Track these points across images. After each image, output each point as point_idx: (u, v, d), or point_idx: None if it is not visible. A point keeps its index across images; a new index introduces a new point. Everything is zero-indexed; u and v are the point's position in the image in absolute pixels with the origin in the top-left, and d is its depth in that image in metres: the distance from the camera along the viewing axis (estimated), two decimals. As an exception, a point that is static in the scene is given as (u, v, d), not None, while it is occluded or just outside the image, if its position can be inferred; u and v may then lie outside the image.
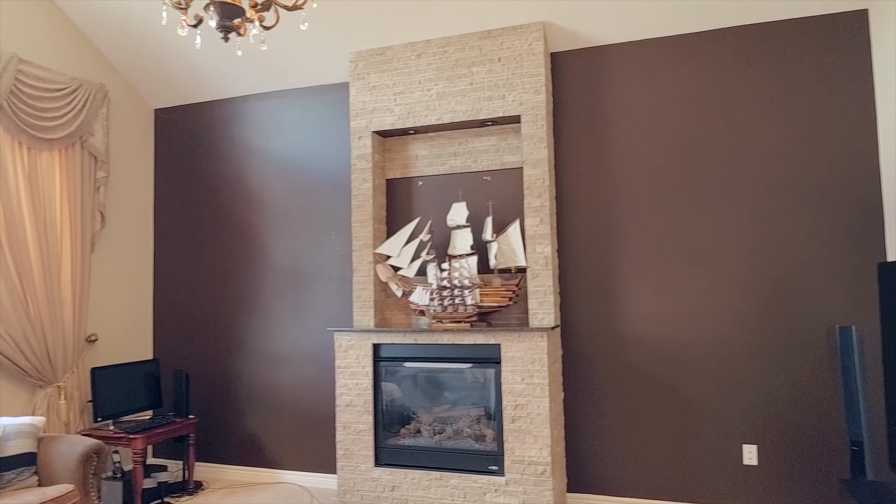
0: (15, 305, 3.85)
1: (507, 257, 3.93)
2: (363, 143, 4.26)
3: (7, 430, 3.28)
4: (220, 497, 4.33)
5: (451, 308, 3.88)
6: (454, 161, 4.26)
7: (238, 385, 4.82)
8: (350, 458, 3.97)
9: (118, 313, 4.82)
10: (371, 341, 3.98)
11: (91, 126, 4.45)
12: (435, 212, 4.30)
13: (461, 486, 3.71)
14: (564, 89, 4.15)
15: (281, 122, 4.84)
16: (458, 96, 4.05)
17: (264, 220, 4.84)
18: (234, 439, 4.80)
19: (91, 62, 4.63)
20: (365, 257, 4.21)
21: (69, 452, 3.37)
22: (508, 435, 3.62)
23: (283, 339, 4.71)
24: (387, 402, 4.02)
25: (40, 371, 4.03)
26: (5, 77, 3.81)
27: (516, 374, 3.64)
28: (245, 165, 4.93)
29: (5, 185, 3.85)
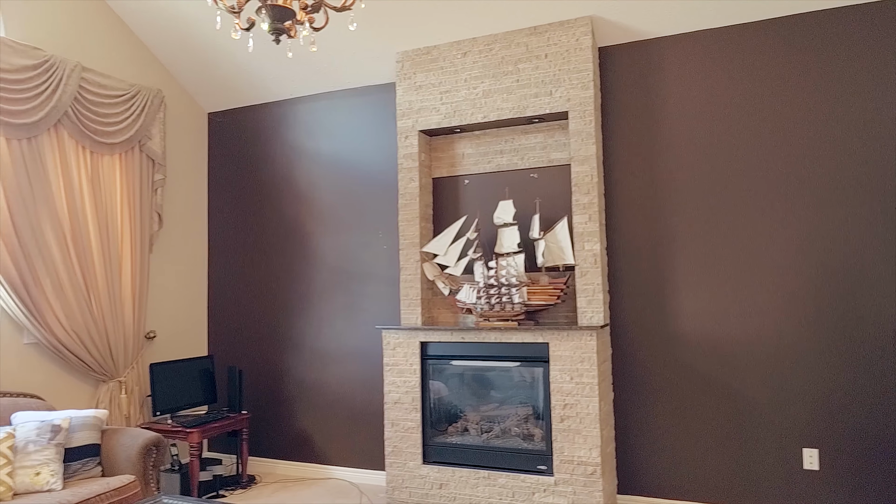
0: (79, 303, 4.02)
1: (555, 255, 3.89)
2: (410, 143, 4.29)
3: (73, 422, 3.43)
4: (272, 491, 4.43)
5: (499, 306, 3.86)
6: (500, 159, 4.24)
7: (289, 381, 4.92)
8: (398, 455, 4.00)
9: (175, 311, 4.98)
10: (418, 339, 4.00)
11: (149, 130, 4.61)
12: (481, 210, 4.29)
13: (509, 485, 3.69)
14: (613, 84, 4.08)
15: (329, 123, 4.91)
16: (505, 93, 4.03)
17: (313, 219, 4.93)
18: (285, 435, 4.90)
19: (148, 69, 4.80)
20: (412, 256, 4.23)
21: (130, 445, 3.50)
22: (557, 434, 3.59)
23: (333, 337, 4.78)
24: (434, 400, 4.03)
25: (103, 366, 4.20)
26: (70, 85, 3.98)
27: (565, 374, 3.60)
28: (294, 166, 5.02)
29: (70, 188, 4.02)
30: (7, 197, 3.64)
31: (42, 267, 3.81)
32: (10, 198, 3.66)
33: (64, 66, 3.96)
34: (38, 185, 3.81)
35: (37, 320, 3.79)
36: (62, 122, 3.99)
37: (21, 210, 3.70)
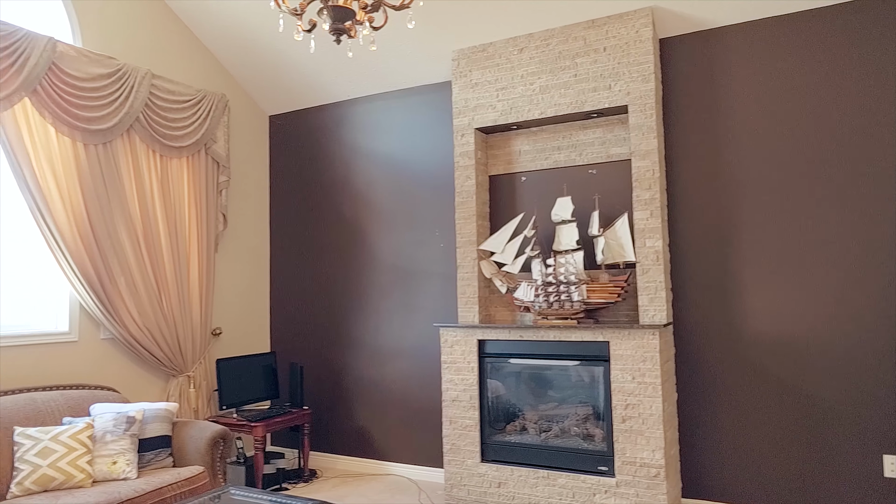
0: (151, 301, 4.20)
1: (615, 252, 3.81)
2: (466, 141, 4.29)
3: (147, 414, 3.58)
4: (332, 486, 4.51)
5: (557, 304, 3.82)
6: (558, 155, 4.19)
7: (348, 378, 5.00)
8: (456, 452, 4.00)
9: (239, 308, 5.14)
10: (476, 337, 3.99)
11: (214, 134, 4.77)
12: (539, 207, 4.25)
13: (569, 485, 3.64)
14: (675, 76, 3.97)
15: (385, 123, 4.96)
16: (562, 89, 3.98)
17: (371, 218, 4.99)
18: (345, 430, 4.98)
19: (213, 74, 4.97)
20: (469, 254, 4.23)
21: (199, 437, 3.63)
22: (619, 435, 3.52)
23: (391, 334, 4.83)
24: (492, 399, 4.02)
25: (173, 361, 4.37)
26: (141, 91, 4.16)
27: (626, 373, 3.52)
28: (352, 166, 5.10)
29: (142, 191, 4.20)
30: (85, 199, 3.83)
31: (116, 266, 3.99)
32: (88, 200, 3.85)
33: (135, 74, 4.14)
34: (112, 187, 4.00)
35: (112, 316, 3.97)
36: (134, 128, 4.17)
37: (97, 212, 3.89)
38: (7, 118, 3.49)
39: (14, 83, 3.46)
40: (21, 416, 3.31)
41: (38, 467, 3.11)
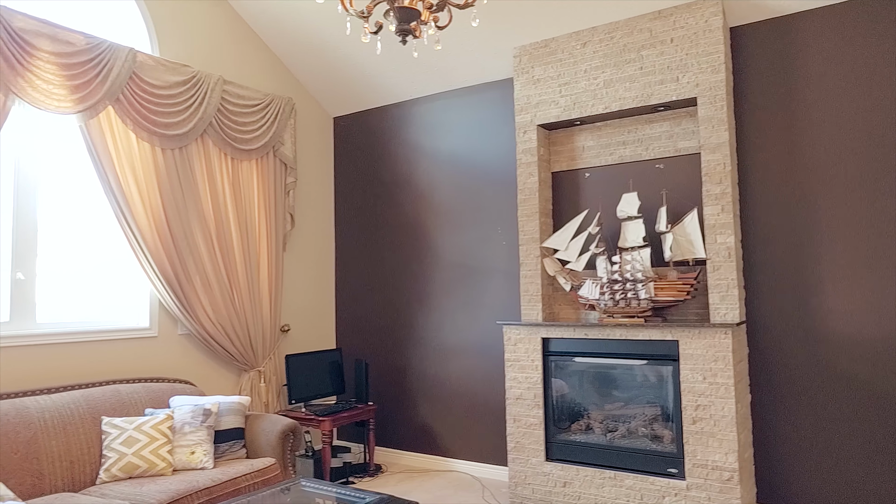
0: (224, 298, 4.37)
1: (684, 249, 3.71)
2: (528, 138, 4.26)
3: (221, 406, 3.73)
4: (397, 481, 4.57)
5: (623, 302, 3.74)
6: (623, 150, 4.11)
7: (412, 375, 5.05)
8: (521, 451, 3.99)
9: (306, 306, 5.28)
10: (540, 335, 3.97)
11: (281, 136, 4.91)
12: (604, 203, 4.18)
13: (637, 487, 3.57)
14: (746, 66, 3.82)
15: (447, 121, 4.99)
16: (627, 82, 3.90)
17: (433, 216, 5.03)
18: (409, 426, 5.05)
19: (280, 78, 5.12)
20: (532, 251, 4.20)
21: (270, 430, 3.75)
22: (689, 437, 3.42)
23: (453, 332, 4.86)
24: (557, 397, 3.98)
25: (244, 356, 4.53)
26: (213, 97, 4.33)
27: (697, 373, 3.42)
28: (414, 165, 5.15)
29: (215, 192, 4.37)
30: (163, 201, 4.02)
31: (192, 265, 4.17)
32: (166, 202, 4.04)
33: (208, 80, 4.31)
34: (188, 190, 4.18)
35: (188, 313, 4.15)
36: (207, 132, 4.34)
37: (174, 213, 4.07)
38: (93, 126, 3.70)
39: (99, 92, 3.67)
40: (107, 406, 3.50)
41: (123, 455, 3.29)
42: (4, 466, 2.99)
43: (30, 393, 3.36)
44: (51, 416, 3.25)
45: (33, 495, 3.06)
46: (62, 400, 3.37)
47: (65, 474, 3.19)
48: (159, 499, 2.99)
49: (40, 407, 3.25)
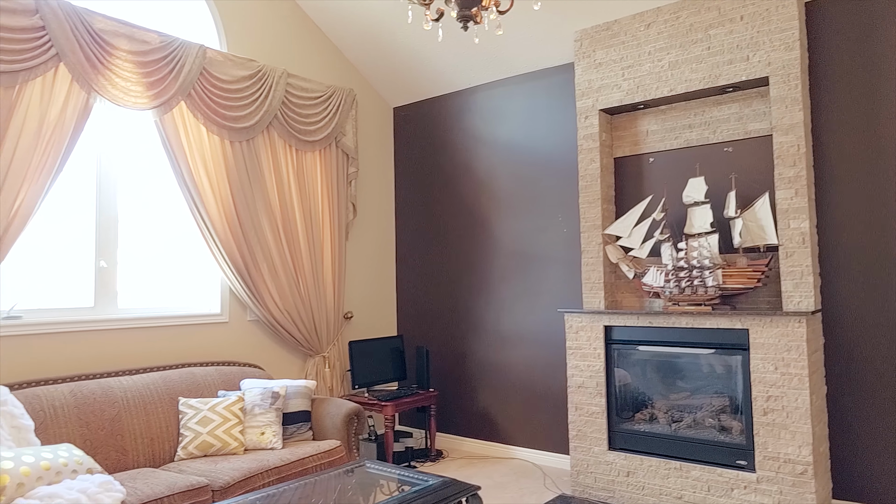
0: (290, 285, 4.50)
1: (755, 234, 3.58)
2: (590, 123, 4.19)
3: (289, 390, 3.85)
4: (458, 466, 4.62)
5: (690, 290, 3.65)
6: (689, 134, 3.99)
7: (472, 362, 5.08)
8: (583, 439, 3.96)
9: (367, 294, 5.38)
10: (602, 323, 3.91)
11: (343, 127, 5.00)
12: (668, 189, 4.07)
13: (704, 478, 3.49)
14: (823, 43, 3.64)
15: (506, 109, 4.96)
16: (694, 63, 3.78)
17: (492, 204, 5.02)
18: (470, 413, 5.08)
19: (341, 70, 5.21)
20: (594, 238, 4.15)
21: (335, 413, 3.86)
22: (759, 428, 3.31)
23: (513, 320, 4.85)
24: (619, 386, 3.93)
25: (309, 342, 4.66)
26: (278, 90, 4.44)
27: (768, 363, 3.30)
28: (473, 154, 5.15)
29: (280, 183, 4.50)
30: (232, 192, 4.17)
31: (259, 253, 4.31)
32: (235, 193, 4.18)
33: (273, 74, 4.43)
34: (255, 181, 4.32)
35: (257, 300, 4.30)
36: (272, 124, 4.47)
37: (243, 203, 4.22)
38: (167, 120, 3.87)
39: (172, 88, 3.83)
40: (183, 387, 3.68)
41: (199, 434, 3.45)
42: (92, 442, 3.19)
43: (113, 374, 3.57)
44: (132, 395, 3.44)
45: (117, 469, 3.25)
46: (142, 381, 3.56)
47: (146, 451, 3.37)
48: (233, 476, 3.13)
49: (123, 387, 3.45)
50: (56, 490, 2.59)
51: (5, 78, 3.13)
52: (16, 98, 3.19)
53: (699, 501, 3.50)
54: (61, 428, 3.12)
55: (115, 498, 2.65)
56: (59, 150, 3.34)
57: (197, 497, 2.95)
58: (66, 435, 3.12)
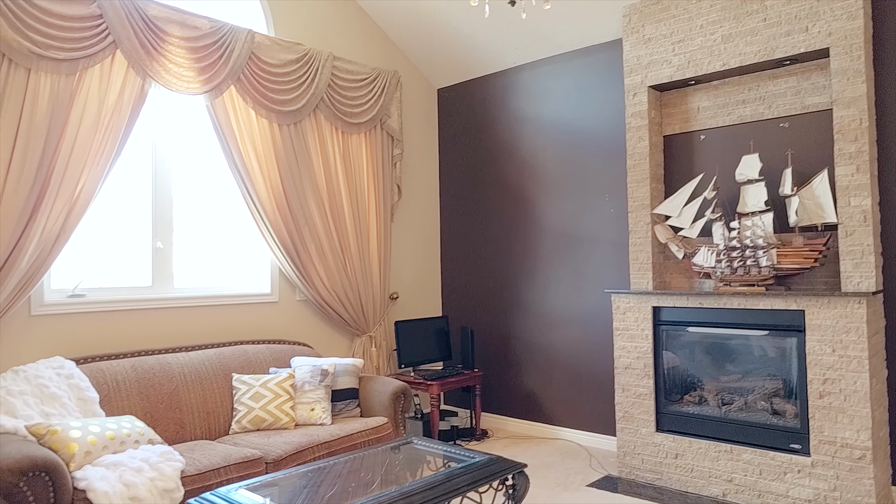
0: (337, 266, 4.58)
1: (812, 213, 3.45)
2: (638, 100, 4.10)
3: (337, 368, 3.93)
4: (504, 446, 4.64)
5: (742, 270, 3.56)
6: (743, 109, 3.86)
7: (517, 343, 5.08)
8: (630, 420, 3.93)
9: (412, 275, 5.42)
10: (650, 304, 3.86)
11: (388, 109, 5.02)
12: (720, 167, 3.96)
13: (755, 461, 3.42)
14: (887, 11, 3.46)
15: (552, 88, 4.89)
16: (748, 36, 3.65)
17: (537, 185, 4.98)
18: (514, 393, 5.09)
19: (386, 52, 5.22)
20: (642, 218, 4.07)
21: (382, 391, 3.92)
22: (815, 412, 3.22)
23: (559, 301, 4.82)
24: (668, 367, 3.87)
25: (356, 321, 4.74)
26: (324, 73, 4.49)
27: (825, 345, 3.20)
28: (518, 134, 5.11)
29: (327, 165, 4.56)
30: (281, 175, 4.25)
31: (308, 234, 4.39)
32: (283, 175, 4.26)
33: (319, 57, 4.47)
34: (302, 163, 4.39)
35: (305, 280, 4.39)
36: (319, 107, 4.52)
37: (291, 186, 4.30)
38: (218, 105, 3.96)
39: (223, 73, 3.91)
40: (236, 364, 3.80)
41: (252, 409, 3.56)
42: (152, 414, 3.34)
43: (171, 350, 3.71)
44: (189, 371, 3.57)
45: (176, 441, 3.39)
46: (198, 357, 3.69)
47: (202, 424, 3.51)
48: (285, 449, 3.22)
49: (180, 363, 3.58)
50: (121, 458, 2.72)
51: (66, 66, 3.25)
52: (76, 85, 3.32)
53: (750, 484, 3.44)
54: (123, 401, 3.26)
55: (175, 467, 2.77)
56: (117, 134, 3.46)
57: (251, 468, 3.05)
58: (127, 407, 3.26)
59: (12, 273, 3.08)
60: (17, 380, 2.97)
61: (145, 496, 2.60)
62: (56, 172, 3.23)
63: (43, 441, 2.66)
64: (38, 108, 3.16)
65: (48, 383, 3.01)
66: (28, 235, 3.13)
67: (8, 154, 3.08)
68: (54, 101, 3.22)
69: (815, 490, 3.22)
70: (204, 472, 2.89)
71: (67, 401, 3.02)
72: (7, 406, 2.83)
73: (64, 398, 3.01)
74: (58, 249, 3.27)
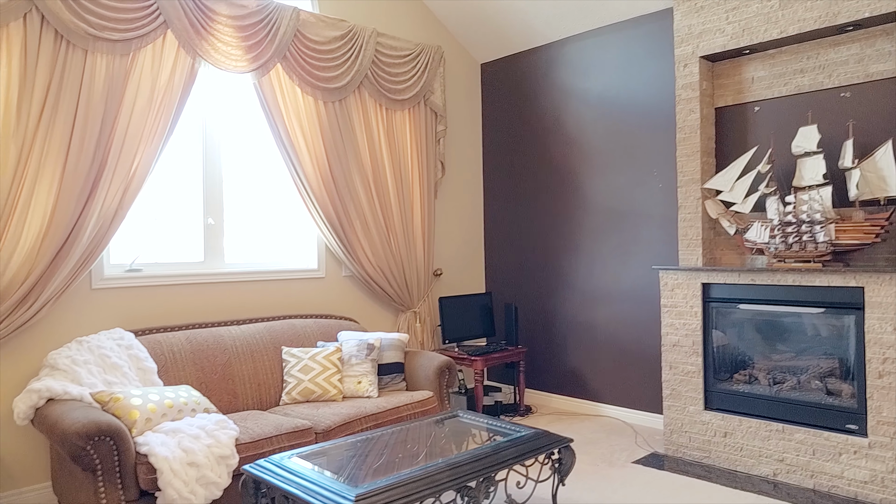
0: (382, 242, 4.62)
1: (875, 186, 3.31)
2: (689, 71, 3.98)
3: (383, 342, 3.99)
4: (548, 421, 4.65)
5: (798, 246, 3.44)
6: (801, 79, 3.70)
7: (560, 320, 5.06)
8: (677, 398, 3.88)
9: (456, 251, 5.44)
10: (700, 280, 3.78)
11: (431, 85, 5.00)
12: (775, 139, 3.82)
13: (808, 441, 3.34)
14: (963, -31, 3.25)
15: (598, 60, 4.79)
16: (808, 1, 3.48)
17: (583, 160, 4.90)
18: (558, 370, 5.08)
19: (429, 27, 5.18)
20: (692, 193, 3.97)
21: (427, 365, 3.96)
22: (873, 392, 3.12)
23: (604, 278, 4.77)
24: (717, 345, 3.80)
25: (401, 297, 4.79)
26: (368, 50, 4.49)
27: (886, 323, 3.09)
28: (563, 109, 5.03)
29: (371, 142, 4.58)
30: (326, 151, 4.29)
31: (353, 210, 4.44)
32: (329, 152, 4.30)
33: (363, 34, 4.47)
34: (347, 140, 4.42)
35: (351, 256, 4.45)
36: (363, 84, 4.53)
37: (336, 162, 4.34)
38: (265, 83, 4.01)
39: (269, 51, 3.95)
40: (286, 337, 3.89)
41: (301, 381, 3.65)
42: (207, 384, 3.45)
43: (223, 323, 3.82)
44: (241, 343, 3.68)
45: (229, 411, 3.51)
46: (249, 330, 3.79)
47: (254, 395, 3.61)
48: (333, 420, 3.30)
49: (232, 336, 3.69)
50: (179, 426, 2.83)
51: (120, 46, 3.34)
52: (130, 65, 3.40)
53: (803, 465, 3.37)
54: (179, 371, 3.39)
55: (230, 435, 2.87)
56: (169, 113, 3.54)
57: (302, 438, 3.14)
58: (183, 377, 3.39)
59: (74, 248, 3.21)
60: (81, 350, 3.11)
61: (203, 462, 2.71)
62: (113, 151, 3.34)
63: (107, 408, 2.79)
64: (94, 88, 3.26)
65: (110, 353, 3.15)
66: (88, 212, 3.25)
67: (68, 133, 3.19)
68: (110, 82, 3.31)
69: (872, 471, 3.14)
70: (257, 441, 2.98)
71: (128, 370, 3.15)
72: (73, 374, 2.97)
73: (124, 368, 3.14)
74: (116, 225, 3.39)
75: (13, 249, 3.04)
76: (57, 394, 2.82)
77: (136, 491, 2.62)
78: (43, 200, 3.12)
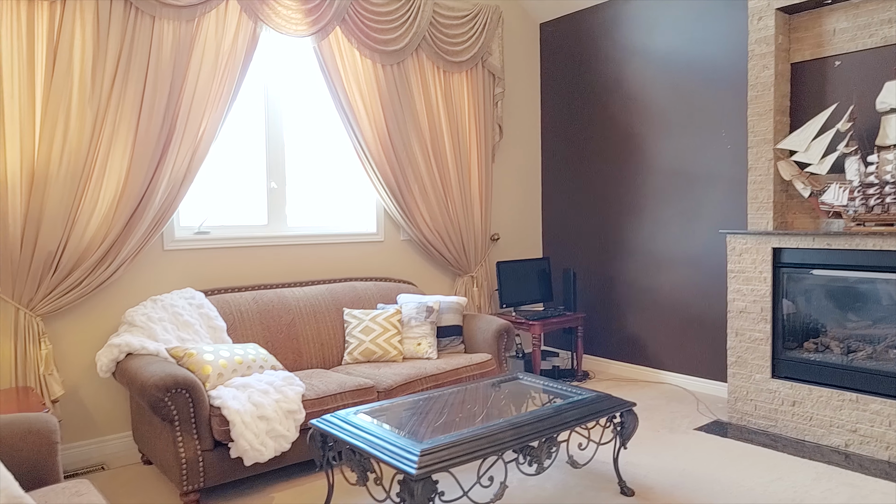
0: (439, 206, 4.62)
1: (968, 143, 3.08)
2: (764, 24, 3.76)
3: (442, 305, 4.02)
4: (606, 387, 4.62)
5: (880, 208, 3.26)
6: (888, 30, 3.45)
7: (620, 285, 4.97)
8: (742, 366, 3.78)
9: (513, 216, 5.39)
10: (770, 245, 3.63)
11: (489, 47, 4.90)
12: (858, 95, 3.59)
13: (885, 412, 3.21)
14: None
15: (663, 16, 4.58)
16: (901, -57, 3.22)
17: (645, 121, 4.74)
18: (617, 336, 5.02)
19: (487, -14, 5.06)
20: (763, 154, 3.80)
21: (485, 329, 3.98)
22: (959, 362, 2.96)
23: (667, 242, 4.64)
24: (787, 312, 3.66)
25: (458, 261, 4.80)
26: (425, 11, 4.43)
27: (976, 290, 2.90)
28: (625, 68, 4.86)
29: (429, 105, 4.55)
30: (385, 115, 4.29)
31: (411, 174, 4.44)
32: (387, 115, 4.30)
33: (421, -6, 4.41)
34: (405, 103, 4.40)
35: (409, 220, 4.47)
36: (421, 46, 4.48)
37: (395, 126, 4.33)
38: (324, 46, 4.01)
39: (328, 14, 3.94)
40: (347, 299, 3.97)
41: (362, 342, 3.73)
42: (273, 343, 3.57)
43: (287, 285, 3.92)
44: (304, 304, 3.77)
45: (294, 369, 3.62)
46: (311, 292, 3.88)
47: (317, 354, 3.71)
48: (395, 380, 3.37)
49: (295, 297, 3.79)
50: (248, 381, 2.94)
51: (186, 12, 3.39)
52: (195, 31, 3.46)
53: (878, 436, 3.24)
54: (247, 330, 3.51)
55: (296, 391, 2.96)
56: (233, 78, 3.60)
57: (364, 396, 3.22)
58: (251, 336, 3.50)
59: (147, 211, 3.33)
60: (155, 308, 3.25)
61: (272, 416, 2.81)
62: (181, 116, 3.42)
63: (181, 362, 2.92)
64: (162, 54, 3.34)
65: (182, 312, 3.28)
66: (159, 175, 3.37)
67: (139, 99, 3.29)
68: (177, 48, 3.38)
69: (954, 445, 2.99)
70: (322, 397, 3.07)
71: (199, 328, 3.28)
72: (149, 331, 3.12)
73: (196, 325, 3.28)
74: (185, 189, 3.50)
75: (91, 212, 3.18)
76: (135, 349, 2.97)
77: (211, 441, 2.75)
78: (117, 164, 3.24)
